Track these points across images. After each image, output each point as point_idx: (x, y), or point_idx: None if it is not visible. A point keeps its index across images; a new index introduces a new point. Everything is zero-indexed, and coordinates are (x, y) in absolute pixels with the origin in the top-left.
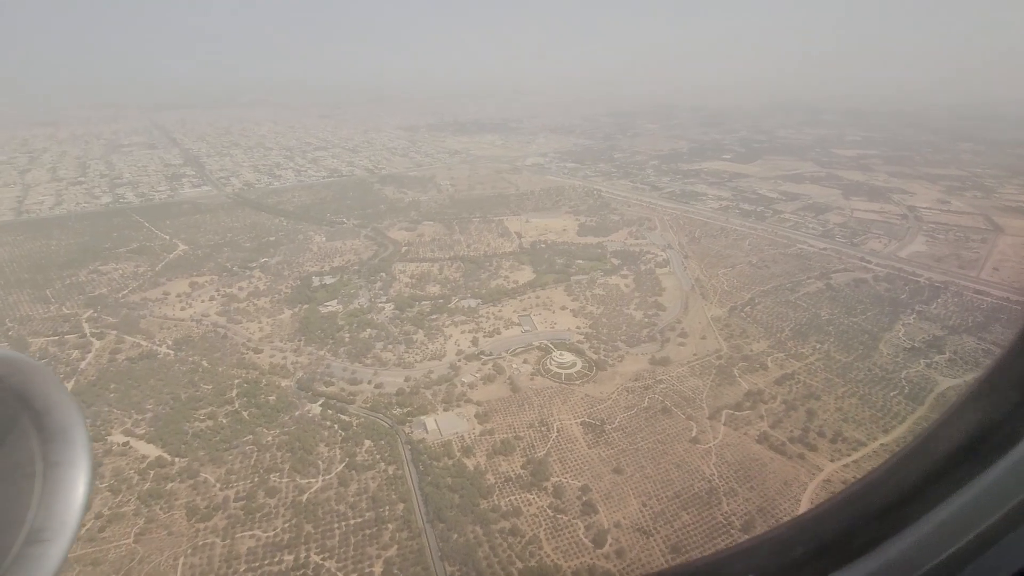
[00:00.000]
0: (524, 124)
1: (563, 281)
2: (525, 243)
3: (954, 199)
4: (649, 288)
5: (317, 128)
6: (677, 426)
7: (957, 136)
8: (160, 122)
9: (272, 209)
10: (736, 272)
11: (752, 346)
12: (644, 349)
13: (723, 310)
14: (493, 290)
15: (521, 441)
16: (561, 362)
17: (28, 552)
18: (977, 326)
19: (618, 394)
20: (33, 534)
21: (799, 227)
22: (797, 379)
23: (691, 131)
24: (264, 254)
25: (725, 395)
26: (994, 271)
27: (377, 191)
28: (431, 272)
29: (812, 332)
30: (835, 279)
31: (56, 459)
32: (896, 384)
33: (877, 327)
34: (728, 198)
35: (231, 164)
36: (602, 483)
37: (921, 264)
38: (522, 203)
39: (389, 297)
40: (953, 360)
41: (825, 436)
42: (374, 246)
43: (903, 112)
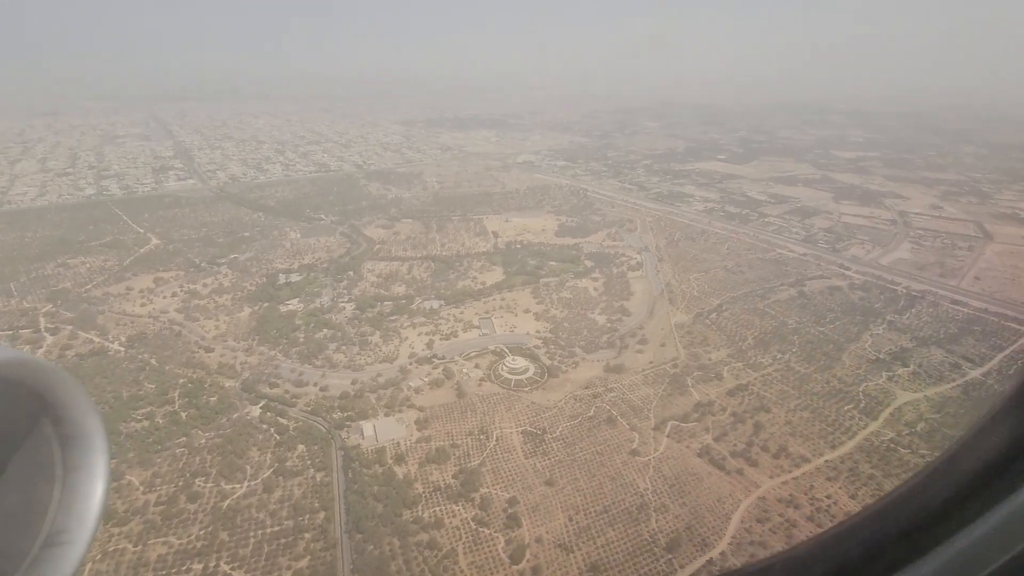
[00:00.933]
0: (523, 120)
1: (532, 283)
2: (500, 243)
3: (948, 204)
4: (617, 292)
5: (315, 122)
6: (619, 437)
7: (963, 139)
8: (159, 114)
9: (253, 204)
10: (709, 277)
11: (711, 355)
12: (601, 355)
13: (688, 316)
14: (458, 291)
15: (457, 449)
16: (513, 367)
17: (46, 555)
18: (948, 338)
19: (565, 402)
20: (52, 537)
21: (782, 231)
22: (751, 390)
23: (691, 130)
24: (236, 250)
25: (674, 405)
26: (976, 280)
27: (362, 187)
28: (400, 271)
29: (776, 341)
30: (809, 286)
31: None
32: (852, 398)
33: (844, 337)
34: (715, 200)
35: (221, 157)
36: (532, 495)
37: (902, 272)
38: (505, 202)
39: (352, 297)
40: (916, 373)
41: (769, 451)
42: (347, 243)
43: (911, 113)
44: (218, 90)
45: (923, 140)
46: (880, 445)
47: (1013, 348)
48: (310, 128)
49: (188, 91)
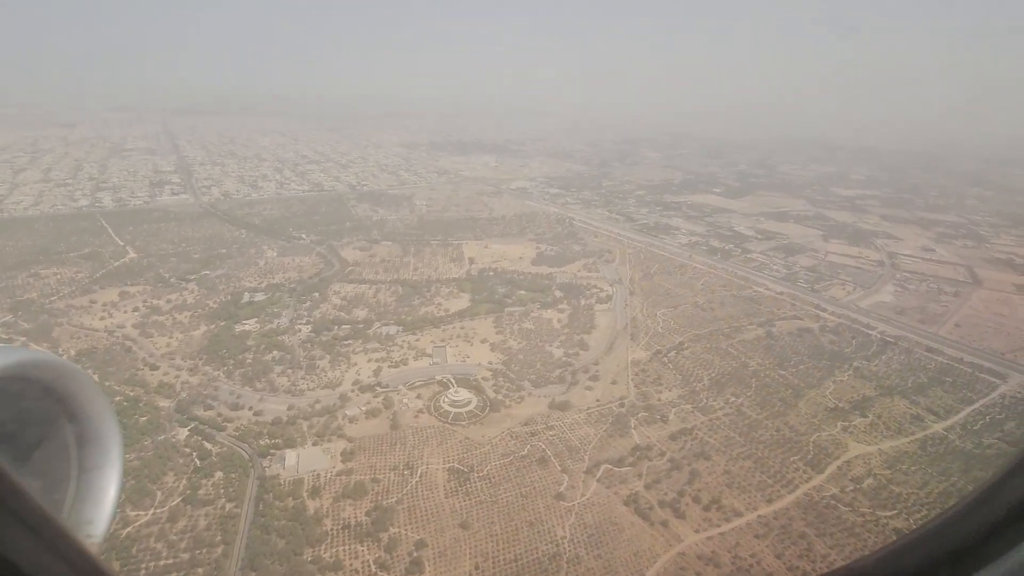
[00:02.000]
0: (525, 147)
1: (496, 312)
2: (474, 270)
3: (941, 247)
4: (581, 325)
5: (320, 141)
6: (548, 479)
7: (970, 180)
8: (172, 128)
9: (239, 221)
10: (677, 313)
11: (662, 395)
12: (549, 391)
13: (647, 353)
14: (419, 318)
15: (378, 484)
16: (455, 399)
17: None
18: (915, 388)
19: (501, 439)
20: None
21: (763, 268)
22: (695, 435)
23: (692, 162)
24: (208, 267)
25: (612, 448)
26: (956, 328)
27: (350, 208)
28: (366, 294)
29: (732, 383)
30: (779, 327)
31: (91, 464)
32: (801, 448)
33: (805, 382)
34: (701, 234)
35: (219, 173)
36: (443, 538)
37: (880, 316)
38: (489, 228)
39: (311, 319)
40: (875, 425)
41: (700, 502)
42: (321, 264)
43: (922, 152)
44: (235, 106)
45: (928, 180)
46: (820, 501)
47: (983, 402)
48: (314, 147)
49: (206, 106)
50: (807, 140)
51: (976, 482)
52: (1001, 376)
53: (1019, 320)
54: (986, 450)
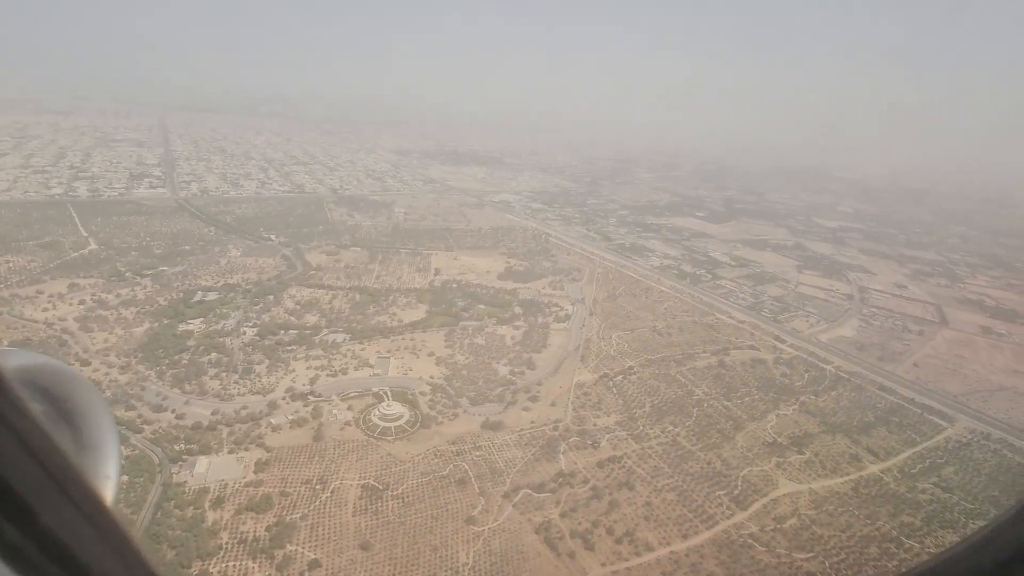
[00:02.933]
0: (520, 160)
1: (451, 325)
2: (437, 281)
3: (915, 284)
4: (533, 343)
5: (313, 143)
6: (464, 501)
7: (958, 219)
8: (168, 122)
9: (211, 218)
10: (633, 336)
11: (599, 420)
12: (486, 409)
13: (594, 376)
14: (370, 327)
15: (286, 498)
16: (386, 413)
17: None
18: (860, 427)
19: (424, 457)
20: None
21: (730, 295)
22: (623, 463)
23: (683, 185)
24: (168, 263)
25: (536, 472)
26: (914, 367)
27: (327, 211)
28: (321, 300)
29: (673, 412)
30: (733, 356)
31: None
32: (729, 483)
33: (748, 414)
34: (675, 257)
35: (203, 169)
36: (339, 559)
37: (838, 351)
38: (463, 239)
39: (259, 322)
40: (810, 462)
41: (613, 534)
42: (284, 266)
43: (918, 189)
44: (238, 105)
45: (915, 216)
46: (737, 539)
47: (925, 445)
48: (305, 149)
49: (209, 104)
50: (804, 170)
51: (902, 527)
52: (950, 419)
53: (979, 363)
54: (919, 495)
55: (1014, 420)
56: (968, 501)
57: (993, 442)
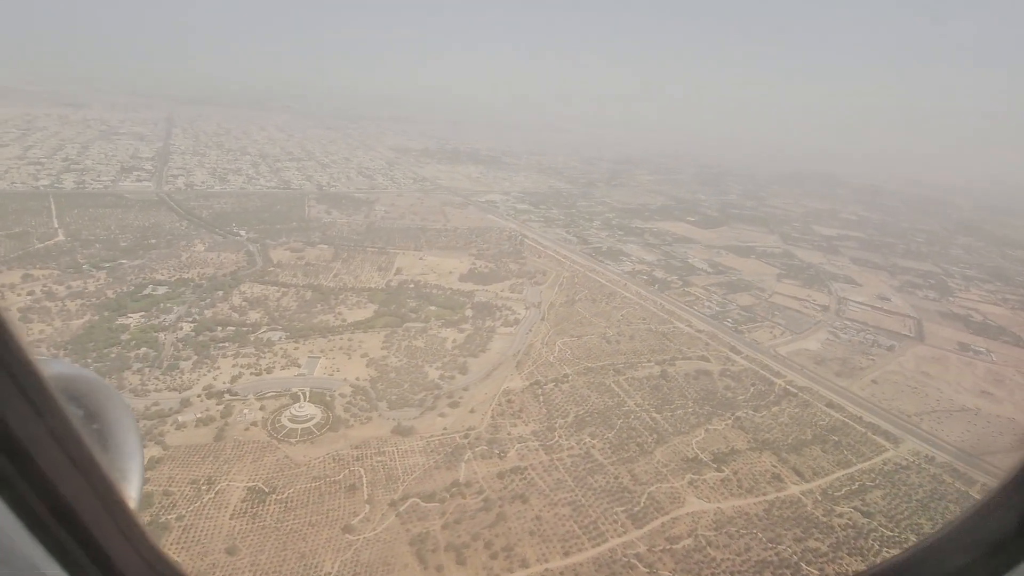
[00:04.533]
0: (520, 160)
1: (395, 326)
2: (395, 281)
3: (901, 297)
4: (473, 348)
5: (313, 140)
6: (348, 508)
7: (963, 228)
8: (175, 116)
9: (187, 212)
10: (579, 343)
11: (516, 429)
12: (402, 414)
13: (525, 383)
14: (311, 326)
15: (167, 498)
16: (298, 415)
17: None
18: (793, 445)
19: (323, 461)
20: None
21: (695, 303)
22: (526, 474)
23: (681, 188)
24: (129, 255)
25: (432, 480)
26: (872, 384)
27: (306, 208)
28: (271, 297)
29: (596, 423)
30: (678, 366)
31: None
32: (633, 499)
33: (676, 428)
34: (650, 262)
35: (195, 163)
36: (201, 563)
37: (794, 364)
38: (436, 239)
39: (199, 317)
40: (727, 481)
41: (490, 549)
42: (244, 262)
43: (928, 196)
44: (249, 100)
45: (919, 225)
46: (621, 559)
47: (860, 467)
48: (304, 145)
49: (221, 98)
50: (813, 174)
51: (805, 552)
52: (895, 440)
53: (945, 381)
54: (835, 519)
55: (966, 443)
56: (887, 528)
57: (936, 466)
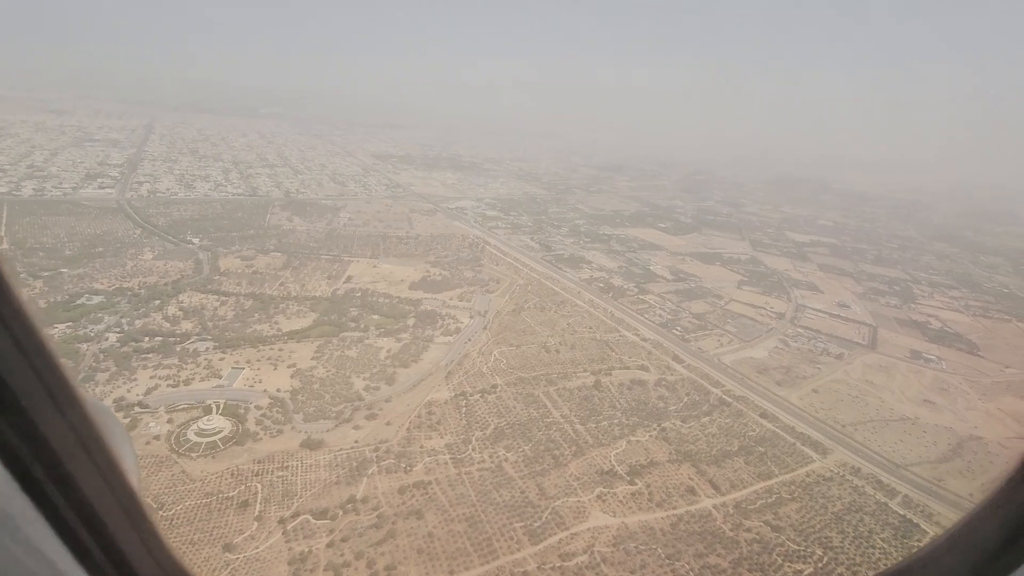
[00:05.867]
0: (501, 166)
1: (331, 336)
2: (343, 289)
3: (861, 304)
4: (406, 358)
5: (294, 145)
6: (234, 526)
7: (944, 235)
8: (157, 122)
9: (144, 220)
10: (517, 353)
11: (430, 441)
12: (316, 426)
13: (451, 394)
14: (243, 335)
15: None
16: (205, 428)
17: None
18: (716, 456)
19: (219, 476)
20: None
21: (648, 311)
22: (428, 489)
23: (660, 195)
24: (72, 264)
25: (330, 496)
26: (812, 393)
27: (268, 215)
28: (209, 307)
29: (515, 435)
30: (615, 376)
31: None
32: (535, 514)
33: (597, 440)
34: (609, 270)
35: (164, 170)
36: None
37: (736, 373)
38: (396, 246)
39: (128, 327)
40: (638, 494)
41: (372, 568)
42: (191, 270)
43: (911, 202)
44: (240, 105)
45: (897, 231)
46: None
47: (780, 479)
48: (281, 152)
49: (210, 104)
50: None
51: (704, 569)
52: (824, 451)
53: (888, 389)
54: (743, 534)
55: (896, 454)
56: (795, 542)
57: (860, 478)
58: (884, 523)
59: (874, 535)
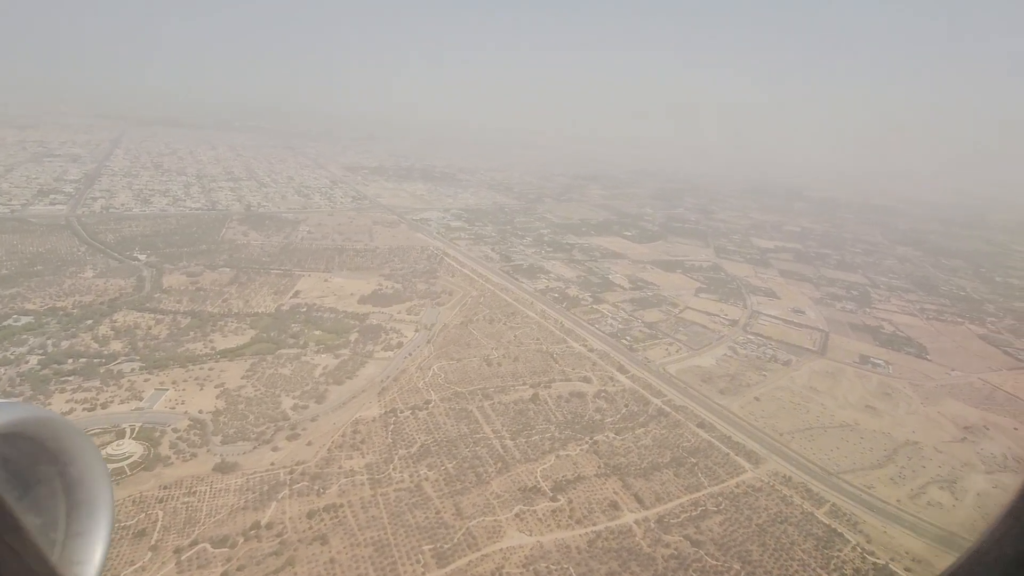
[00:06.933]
0: (475, 177)
1: (267, 353)
2: (287, 305)
3: (817, 309)
4: (341, 375)
5: (262, 159)
6: (127, 556)
7: (909, 239)
8: (125, 136)
9: (92, 236)
10: (458, 367)
11: (351, 462)
12: (233, 449)
13: (381, 412)
14: (174, 355)
15: None
16: (113, 454)
17: None
18: (646, 469)
19: (120, 504)
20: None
21: (599, 321)
22: (339, 513)
23: (631, 203)
24: (7, 284)
25: (235, 522)
26: (754, 401)
27: (224, 230)
28: (143, 326)
29: (441, 453)
30: (554, 389)
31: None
32: (448, 535)
33: (526, 455)
34: (567, 279)
35: (123, 185)
36: None
37: (680, 383)
38: (351, 259)
39: (53, 349)
40: (559, 511)
41: None
42: (131, 288)
43: (882, 207)
44: (216, 118)
45: (863, 236)
46: None
47: (709, 491)
48: (248, 165)
49: (184, 118)
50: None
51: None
52: (757, 461)
53: (831, 396)
54: (661, 549)
55: (831, 461)
56: (714, 557)
57: (790, 487)
58: (808, 534)
59: (795, 547)
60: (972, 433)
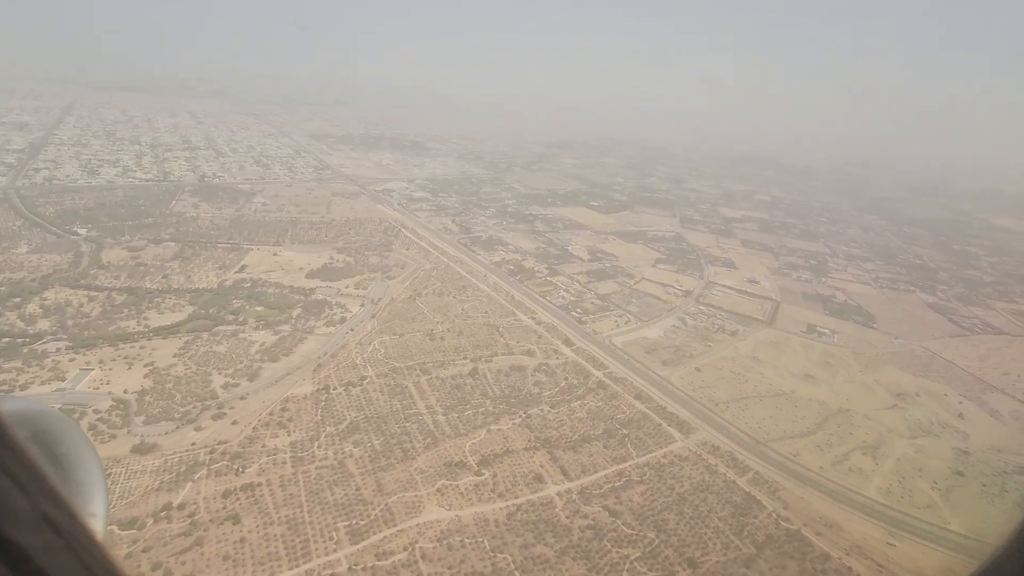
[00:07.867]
0: (446, 145)
1: (204, 330)
2: (231, 280)
3: (773, 279)
4: (278, 351)
5: (223, 127)
6: None
7: (876, 208)
8: (81, 103)
9: (30, 210)
10: (399, 342)
11: (273, 440)
12: (155, 429)
13: (314, 389)
14: (104, 334)
15: None
16: None
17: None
18: (576, 442)
19: None
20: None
21: (551, 293)
22: (256, 492)
23: (603, 172)
24: None
25: (147, 504)
26: (695, 371)
27: (174, 201)
28: (75, 303)
29: (370, 429)
30: (496, 362)
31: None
32: (366, 512)
33: (455, 431)
34: (525, 251)
35: (69, 155)
36: None
37: (623, 354)
38: (304, 232)
39: None
40: (482, 485)
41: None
42: (67, 264)
43: (856, 175)
44: (178, 85)
45: (832, 204)
46: None
47: (636, 461)
48: (208, 133)
49: (145, 83)
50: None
51: (527, 560)
52: (688, 431)
53: (772, 365)
54: (578, 520)
55: (761, 430)
56: (630, 526)
57: (717, 456)
58: (727, 501)
59: (713, 514)
60: (903, 400)
